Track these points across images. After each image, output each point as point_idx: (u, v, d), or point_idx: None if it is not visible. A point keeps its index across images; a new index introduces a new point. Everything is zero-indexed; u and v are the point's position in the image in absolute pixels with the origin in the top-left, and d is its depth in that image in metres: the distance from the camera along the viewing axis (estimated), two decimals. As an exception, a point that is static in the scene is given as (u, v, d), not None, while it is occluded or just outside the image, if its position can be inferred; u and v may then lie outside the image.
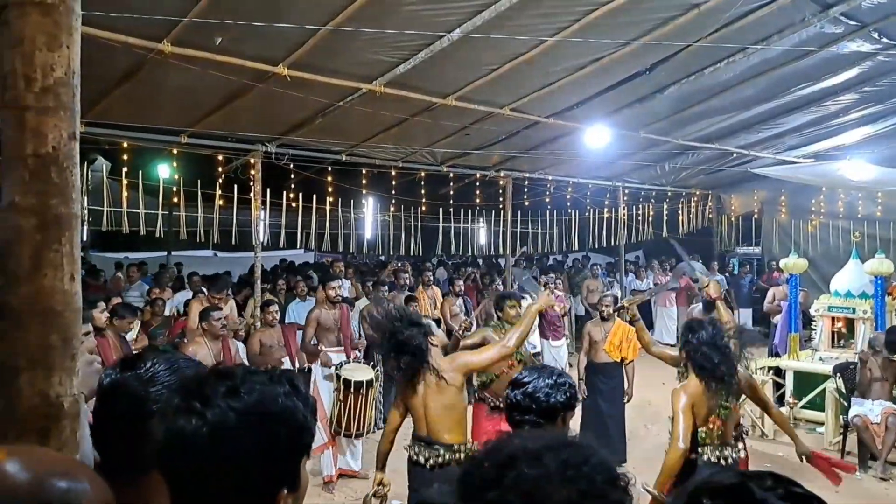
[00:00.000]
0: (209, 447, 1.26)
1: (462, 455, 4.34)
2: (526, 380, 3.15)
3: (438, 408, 4.37)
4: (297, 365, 8.12)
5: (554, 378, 3.16)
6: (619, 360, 7.74)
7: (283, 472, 1.35)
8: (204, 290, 10.41)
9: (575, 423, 4.12)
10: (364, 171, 11.57)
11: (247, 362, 7.15)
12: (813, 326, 9.76)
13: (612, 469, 1.35)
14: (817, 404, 8.67)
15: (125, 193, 9.85)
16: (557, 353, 11.54)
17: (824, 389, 8.51)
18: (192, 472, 1.28)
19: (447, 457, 4.32)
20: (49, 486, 1.05)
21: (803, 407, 8.87)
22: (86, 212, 10.28)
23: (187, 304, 9.21)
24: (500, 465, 1.29)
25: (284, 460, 1.35)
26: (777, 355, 10.05)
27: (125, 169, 9.55)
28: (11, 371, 1.76)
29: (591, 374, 7.92)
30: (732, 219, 17.97)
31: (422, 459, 4.37)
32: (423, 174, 12.41)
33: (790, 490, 1.18)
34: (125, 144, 8.66)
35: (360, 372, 6.75)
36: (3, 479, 1.03)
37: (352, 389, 6.62)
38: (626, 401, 7.91)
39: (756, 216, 17.40)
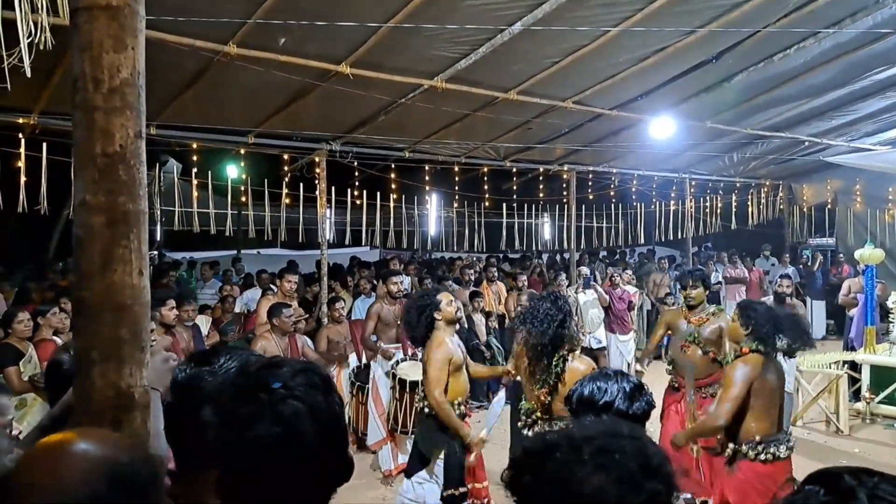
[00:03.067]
0: (283, 434, 1.28)
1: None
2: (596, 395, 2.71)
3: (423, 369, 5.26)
4: (363, 361, 8.20)
5: (628, 384, 2.75)
6: None
7: (345, 449, 1.40)
8: (273, 287, 10.62)
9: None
10: (427, 168, 11.60)
11: (312, 355, 7.26)
12: (891, 319, 9.43)
13: (652, 457, 1.34)
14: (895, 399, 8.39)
15: (195, 194, 10.10)
16: (625, 347, 11.40)
17: (903, 384, 8.22)
18: (268, 464, 1.29)
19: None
20: (121, 461, 1.12)
21: (881, 402, 8.60)
22: (158, 212, 10.59)
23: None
24: (539, 452, 1.30)
25: (345, 441, 1.40)
26: (853, 349, 9.73)
27: (195, 170, 9.80)
28: (86, 364, 1.82)
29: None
30: (805, 209, 17.45)
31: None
32: (485, 169, 12.39)
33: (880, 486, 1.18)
34: (195, 146, 8.89)
35: (416, 371, 6.77)
36: (79, 456, 1.10)
37: (407, 389, 6.66)
38: None
39: (829, 206, 16.87)
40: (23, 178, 7.54)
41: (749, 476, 4.36)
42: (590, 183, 14.41)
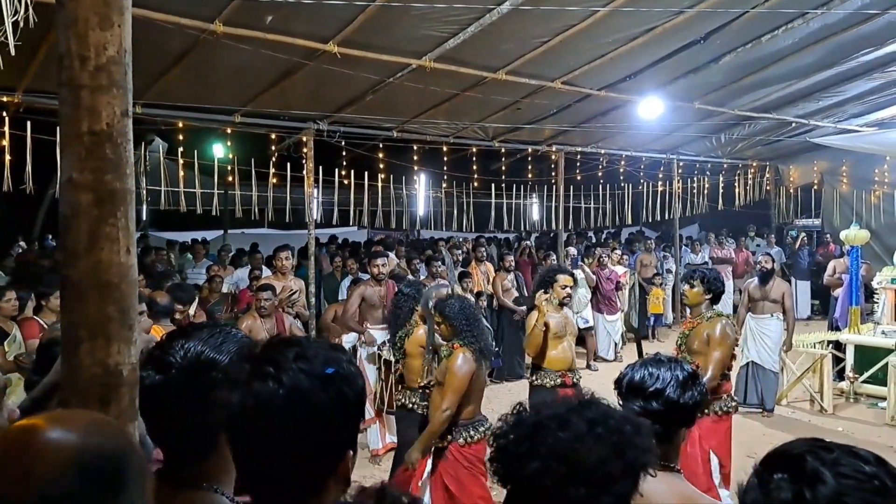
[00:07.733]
0: (287, 410, 1.27)
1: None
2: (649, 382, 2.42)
3: None
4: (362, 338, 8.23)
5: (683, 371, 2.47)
6: None
7: (351, 432, 1.39)
8: (263, 266, 10.62)
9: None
10: (415, 148, 11.56)
11: (300, 334, 7.27)
12: (875, 300, 9.52)
13: (637, 419, 1.35)
14: (879, 379, 8.48)
15: (181, 173, 10.04)
16: (612, 327, 11.50)
17: (887, 364, 8.30)
18: (268, 438, 1.29)
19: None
20: (95, 447, 1.04)
21: (865, 381, 8.70)
22: (144, 192, 10.53)
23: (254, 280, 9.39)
24: (531, 436, 1.30)
25: (353, 421, 1.38)
26: (837, 329, 9.83)
27: (181, 149, 9.73)
28: (73, 342, 1.82)
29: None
30: (791, 190, 17.51)
31: None
32: (474, 150, 12.36)
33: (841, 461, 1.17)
34: (181, 125, 8.83)
35: None
36: (48, 443, 1.01)
37: (392, 369, 6.69)
38: None
39: (816, 187, 16.92)
40: (7, 157, 7.48)
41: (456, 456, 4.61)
42: (578, 164, 14.41)
